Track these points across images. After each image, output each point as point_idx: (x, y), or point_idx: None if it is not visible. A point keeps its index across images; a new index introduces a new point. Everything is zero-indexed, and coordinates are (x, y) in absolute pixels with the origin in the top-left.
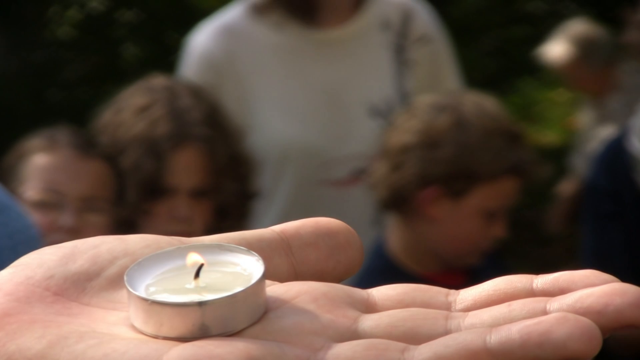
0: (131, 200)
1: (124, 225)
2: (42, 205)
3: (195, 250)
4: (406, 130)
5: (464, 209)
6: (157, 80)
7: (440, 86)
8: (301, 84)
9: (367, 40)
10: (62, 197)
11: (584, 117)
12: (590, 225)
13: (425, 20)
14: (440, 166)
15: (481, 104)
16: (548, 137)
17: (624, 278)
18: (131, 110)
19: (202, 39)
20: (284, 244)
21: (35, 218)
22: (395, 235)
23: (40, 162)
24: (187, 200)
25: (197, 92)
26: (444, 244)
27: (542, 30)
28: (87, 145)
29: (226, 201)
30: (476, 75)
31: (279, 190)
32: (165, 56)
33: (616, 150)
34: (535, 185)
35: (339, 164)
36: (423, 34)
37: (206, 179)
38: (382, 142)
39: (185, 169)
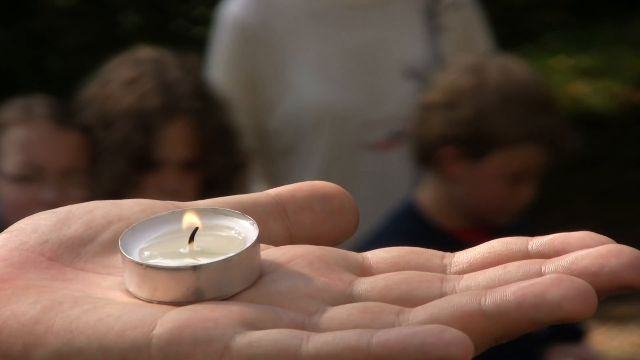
0: (119, 173)
1: (112, 198)
2: (22, 179)
3: (191, 213)
4: (435, 87)
5: (484, 172)
6: (144, 52)
7: (473, 51)
8: (335, 48)
9: (399, 4)
10: (42, 170)
11: None
12: None
13: None
14: (457, 127)
15: (508, 69)
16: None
17: None
18: (119, 82)
19: (234, 8)
20: (279, 208)
21: (16, 193)
22: (428, 190)
23: (18, 136)
24: (176, 173)
25: (184, 64)
26: (469, 202)
27: None
28: (64, 116)
29: (214, 173)
30: None
31: (315, 154)
32: (164, 24)
33: None
34: None
35: (375, 127)
36: (454, 0)
37: (195, 151)
38: (419, 98)
39: (175, 141)
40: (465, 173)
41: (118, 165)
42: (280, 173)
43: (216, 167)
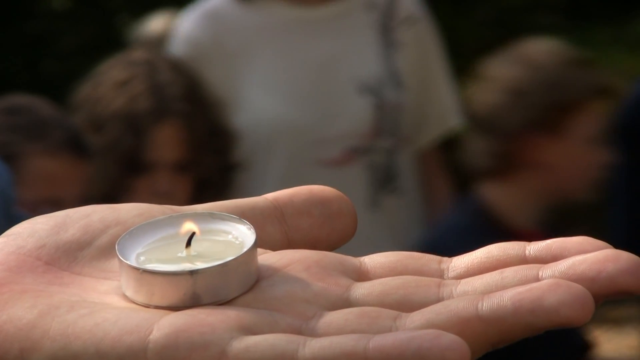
0: (111, 176)
1: (104, 201)
2: (39, 212)
3: (189, 219)
4: (486, 94)
5: (571, 143)
6: (137, 54)
7: (428, 67)
8: (288, 63)
9: (352, 20)
10: (61, 204)
11: None
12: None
13: (410, 2)
14: (533, 110)
15: (541, 44)
16: None
17: None
18: (110, 84)
19: (187, 25)
20: (277, 212)
21: None
22: (496, 192)
23: (39, 169)
24: (168, 175)
25: (176, 66)
26: (562, 184)
27: None
28: (83, 145)
29: (207, 174)
30: (472, 44)
31: (271, 170)
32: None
33: None
34: None
35: (329, 143)
36: (409, 15)
37: (186, 153)
38: (467, 116)
39: (166, 144)
40: (555, 154)
41: (109, 168)
42: (238, 188)
43: (208, 169)
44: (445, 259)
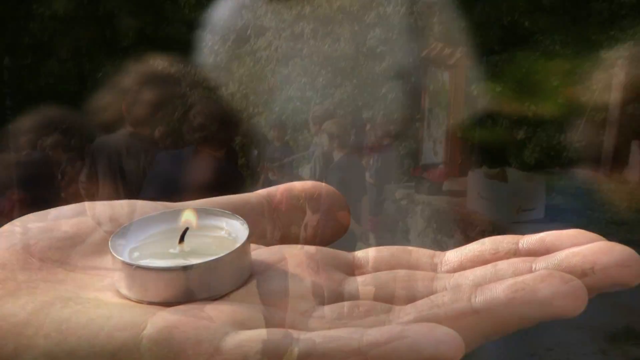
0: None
1: None
2: None
3: (190, 212)
4: None
5: None
6: (153, 64)
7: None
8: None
9: (385, 9)
10: None
11: None
12: None
13: None
14: None
15: None
16: (545, 107)
17: None
18: (120, 95)
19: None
20: (270, 208)
21: None
22: None
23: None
24: None
25: (190, 77)
26: None
27: (541, 0)
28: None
29: None
30: (474, 45)
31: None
32: (160, 28)
33: None
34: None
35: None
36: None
37: None
38: None
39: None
40: None
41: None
42: None
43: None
44: (438, 253)
